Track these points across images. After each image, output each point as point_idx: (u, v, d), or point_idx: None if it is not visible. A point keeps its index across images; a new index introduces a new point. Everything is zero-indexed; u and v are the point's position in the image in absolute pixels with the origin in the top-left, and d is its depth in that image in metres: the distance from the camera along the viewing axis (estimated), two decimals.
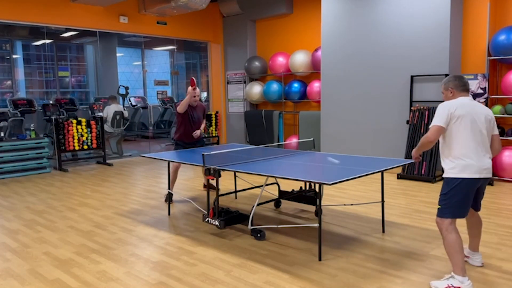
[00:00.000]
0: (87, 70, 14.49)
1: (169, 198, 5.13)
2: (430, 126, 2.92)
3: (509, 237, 3.88)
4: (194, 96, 5.39)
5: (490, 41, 6.36)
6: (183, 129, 5.50)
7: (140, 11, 9.25)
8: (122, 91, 11.31)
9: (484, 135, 2.89)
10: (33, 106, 9.07)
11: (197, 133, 5.51)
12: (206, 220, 4.08)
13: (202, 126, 5.71)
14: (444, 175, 2.93)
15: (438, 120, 2.87)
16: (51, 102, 10.49)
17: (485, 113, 2.91)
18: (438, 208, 2.90)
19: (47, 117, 9.11)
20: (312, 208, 4.95)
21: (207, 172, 3.85)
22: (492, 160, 6.80)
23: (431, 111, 6.50)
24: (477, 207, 3.10)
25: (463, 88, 2.98)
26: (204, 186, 5.98)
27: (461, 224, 3.17)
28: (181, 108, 5.35)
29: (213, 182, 5.41)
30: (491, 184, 6.04)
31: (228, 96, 10.75)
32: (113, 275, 3.22)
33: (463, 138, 2.84)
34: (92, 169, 8.15)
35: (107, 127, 9.07)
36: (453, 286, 2.79)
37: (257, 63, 9.73)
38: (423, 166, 6.44)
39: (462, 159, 2.83)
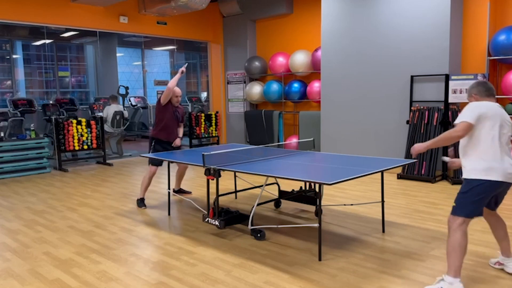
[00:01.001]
0: (87, 70, 14.50)
1: (140, 203, 5.21)
2: (457, 122, 2.77)
3: (509, 237, 3.87)
4: (176, 96, 5.19)
5: (490, 41, 6.36)
6: (165, 124, 5.18)
7: (140, 11, 9.25)
8: (122, 91, 11.31)
9: (509, 141, 2.83)
10: (33, 106, 9.07)
11: (176, 142, 5.32)
12: (206, 220, 4.08)
13: (181, 132, 5.41)
14: (465, 176, 2.83)
15: (468, 117, 2.74)
16: (51, 102, 10.50)
17: (509, 119, 2.86)
18: (453, 206, 2.83)
19: (47, 117, 9.12)
20: (312, 208, 4.95)
21: (207, 172, 3.85)
22: None
23: (431, 111, 6.50)
24: (493, 207, 3.02)
25: (488, 93, 2.91)
26: (174, 191, 5.64)
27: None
28: (164, 97, 5.03)
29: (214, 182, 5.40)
30: None
31: (228, 96, 10.75)
32: (113, 275, 3.22)
33: (491, 140, 2.75)
34: (92, 169, 8.15)
35: (107, 127, 9.07)
36: None
37: (257, 63, 9.73)
38: (423, 166, 6.44)
39: (487, 161, 2.75)
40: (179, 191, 5.81)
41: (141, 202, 5.24)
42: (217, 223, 3.96)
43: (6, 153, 7.28)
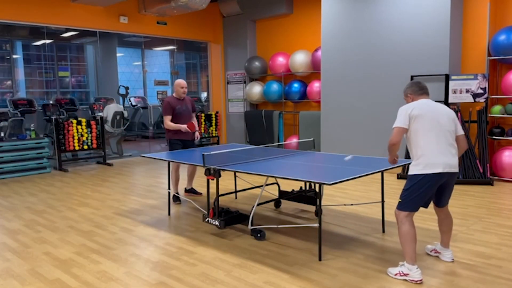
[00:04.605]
0: (87, 70, 14.48)
1: (174, 199, 5.31)
2: (392, 129, 3.06)
3: (509, 237, 3.88)
4: (182, 87, 5.36)
5: (490, 41, 6.36)
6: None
7: (140, 11, 9.25)
8: (122, 91, 11.31)
9: (447, 133, 3.02)
10: (33, 106, 9.07)
11: (197, 136, 5.45)
12: (206, 220, 4.08)
13: (195, 123, 5.52)
14: (409, 172, 3.06)
15: (398, 122, 3.04)
16: (51, 102, 10.49)
17: (447, 113, 3.07)
18: (399, 202, 3.07)
19: (47, 117, 9.11)
20: (312, 208, 4.95)
21: (207, 172, 3.85)
22: (492, 160, 6.78)
23: None
24: (441, 203, 3.24)
25: (421, 92, 3.18)
26: (186, 191, 5.79)
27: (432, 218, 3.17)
28: (168, 126, 5.31)
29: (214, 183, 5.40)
30: (491, 184, 6.04)
31: (228, 96, 10.75)
32: (113, 275, 3.22)
33: (425, 136, 2.99)
34: (92, 169, 8.15)
35: (107, 127, 9.07)
36: (402, 273, 3.03)
37: (257, 63, 9.72)
38: None
39: (425, 156, 2.97)
40: (190, 190, 5.78)
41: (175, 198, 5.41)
42: (217, 223, 3.96)
43: (6, 153, 7.28)
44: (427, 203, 3.14)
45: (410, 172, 3.04)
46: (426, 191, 3.00)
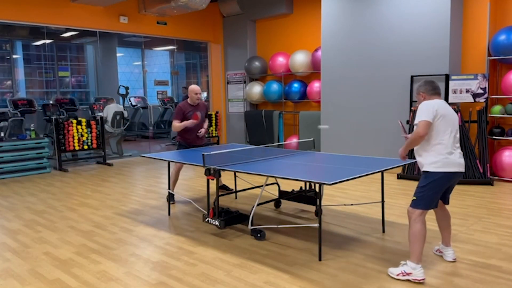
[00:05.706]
0: (87, 70, 14.48)
1: (169, 198, 5.15)
2: (416, 122, 3.03)
3: (509, 237, 3.88)
4: (196, 94, 5.36)
5: (490, 41, 6.36)
6: (183, 130, 5.40)
7: (140, 11, 9.25)
8: (122, 91, 11.32)
9: (457, 134, 3.13)
10: (33, 106, 9.07)
11: (201, 131, 5.45)
12: (206, 220, 4.08)
13: (205, 125, 5.59)
14: (424, 169, 3.07)
15: (425, 116, 3.01)
16: (51, 102, 10.49)
17: (455, 115, 3.14)
18: (413, 200, 3.07)
19: (47, 117, 9.11)
20: (312, 208, 4.95)
21: (207, 172, 3.85)
22: (492, 160, 6.80)
23: None
24: (446, 201, 3.29)
25: (434, 92, 3.18)
26: (220, 187, 5.82)
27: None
28: (175, 128, 5.30)
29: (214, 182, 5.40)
30: (491, 184, 6.04)
31: (228, 96, 10.75)
32: (113, 275, 3.22)
33: (446, 135, 3.03)
34: (92, 169, 8.15)
35: (107, 127, 9.07)
36: (405, 272, 3.02)
37: (257, 63, 9.72)
38: None
39: (444, 155, 3.01)
40: (223, 187, 5.87)
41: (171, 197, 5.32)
42: (217, 223, 3.96)
43: (6, 153, 7.27)
44: (437, 203, 3.14)
45: (427, 169, 3.05)
46: (441, 189, 3.05)
